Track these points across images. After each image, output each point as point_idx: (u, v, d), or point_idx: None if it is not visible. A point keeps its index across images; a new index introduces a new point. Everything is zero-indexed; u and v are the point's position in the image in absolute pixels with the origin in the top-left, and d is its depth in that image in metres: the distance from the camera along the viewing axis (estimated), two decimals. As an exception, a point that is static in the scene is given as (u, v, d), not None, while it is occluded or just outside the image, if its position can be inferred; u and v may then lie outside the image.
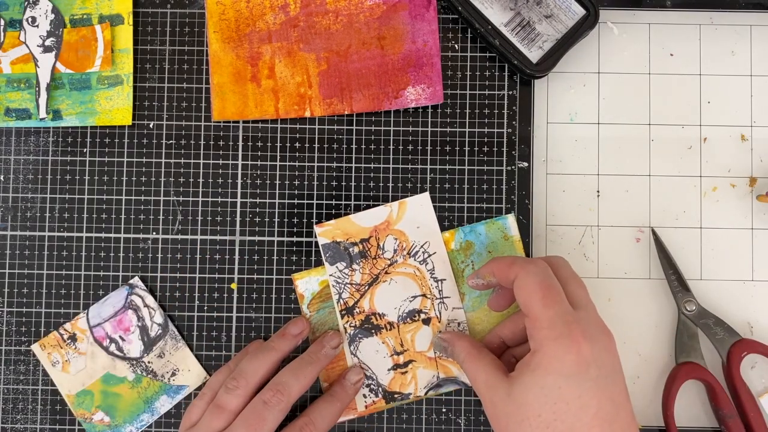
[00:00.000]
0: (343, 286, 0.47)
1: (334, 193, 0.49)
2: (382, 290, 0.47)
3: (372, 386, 0.47)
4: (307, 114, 0.48)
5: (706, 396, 0.47)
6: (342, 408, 0.45)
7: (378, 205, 0.48)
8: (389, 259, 0.47)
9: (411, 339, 0.47)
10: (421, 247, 0.47)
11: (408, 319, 0.47)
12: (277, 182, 0.49)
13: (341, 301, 0.47)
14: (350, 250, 0.47)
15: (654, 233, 0.48)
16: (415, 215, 0.48)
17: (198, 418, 0.44)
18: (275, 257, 0.48)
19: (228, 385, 0.43)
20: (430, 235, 0.47)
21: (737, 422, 0.45)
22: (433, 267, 0.47)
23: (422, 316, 0.47)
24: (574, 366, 0.37)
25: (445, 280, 0.47)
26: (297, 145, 0.49)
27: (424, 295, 0.47)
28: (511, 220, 0.48)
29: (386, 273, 0.47)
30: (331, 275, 0.47)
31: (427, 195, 0.48)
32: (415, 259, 0.47)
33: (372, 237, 0.47)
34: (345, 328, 0.47)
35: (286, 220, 0.49)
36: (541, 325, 0.38)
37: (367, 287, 0.47)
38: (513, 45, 0.47)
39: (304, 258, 0.48)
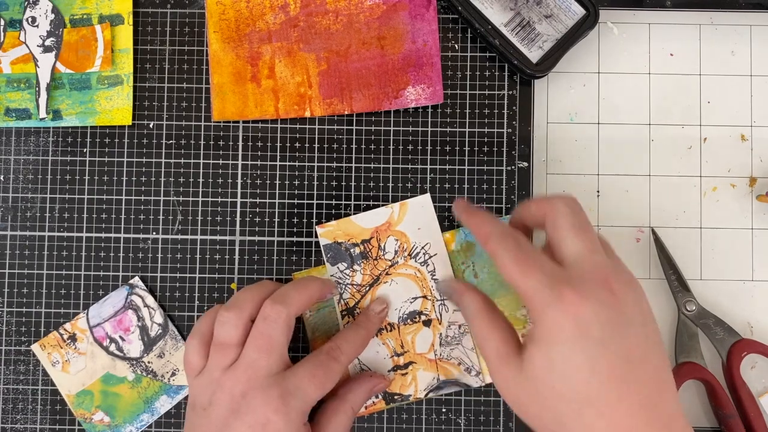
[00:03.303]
0: (344, 286, 0.47)
1: (334, 193, 0.49)
2: (382, 291, 0.47)
3: None
4: (307, 114, 0.48)
5: (706, 396, 0.47)
6: (368, 337, 0.45)
7: (379, 205, 0.48)
8: (390, 260, 0.47)
9: (411, 341, 0.47)
10: (422, 248, 0.47)
11: (408, 321, 0.47)
12: (277, 182, 0.49)
13: (342, 301, 0.47)
14: (351, 251, 0.47)
15: (654, 233, 0.48)
16: (416, 216, 0.48)
17: (199, 361, 0.42)
18: (275, 257, 0.48)
19: (220, 318, 0.42)
20: (431, 236, 0.47)
21: (737, 422, 0.45)
22: (434, 268, 0.47)
23: (423, 317, 0.47)
24: (573, 330, 0.34)
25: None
26: (297, 145, 0.49)
27: (424, 297, 0.47)
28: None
29: (387, 274, 0.47)
30: (332, 276, 0.47)
31: (428, 196, 0.48)
32: (416, 261, 0.47)
33: (373, 238, 0.47)
34: (343, 327, 0.47)
35: (286, 220, 0.49)
36: (528, 295, 0.35)
37: (368, 288, 0.47)
38: (513, 45, 0.47)
39: (304, 258, 0.48)
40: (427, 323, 0.47)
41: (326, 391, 0.41)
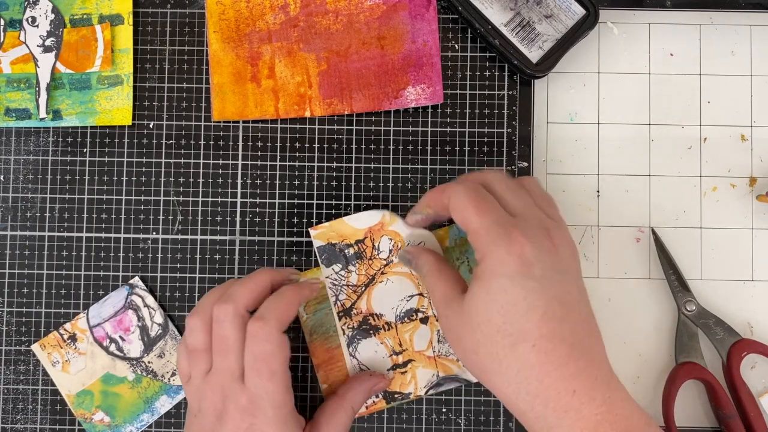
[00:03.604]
0: (339, 287, 0.47)
1: (334, 193, 0.49)
2: (378, 291, 0.47)
3: None
4: (307, 114, 0.48)
5: (706, 396, 0.47)
6: (294, 300, 0.42)
7: (378, 206, 0.48)
8: (385, 260, 0.47)
9: (409, 338, 0.47)
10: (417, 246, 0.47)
11: (406, 319, 0.47)
12: (277, 182, 0.49)
13: (338, 302, 0.47)
14: (346, 251, 0.47)
15: (654, 233, 0.48)
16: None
17: (187, 368, 0.42)
18: (275, 257, 0.48)
19: (187, 326, 0.41)
20: (423, 234, 0.47)
21: (737, 422, 0.45)
22: None
23: (420, 315, 0.47)
24: (516, 266, 0.36)
25: None
26: (297, 145, 0.49)
27: (420, 294, 0.47)
28: None
29: (382, 273, 0.47)
30: (327, 277, 0.47)
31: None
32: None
33: (367, 238, 0.47)
34: (343, 330, 0.47)
35: (286, 220, 0.49)
36: (479, 234, 0.38)
37: (363, 288, 0.47)
38: (513, 45, 0.47)
39: (304, 258, 0.48)
40: (425, 320, 0.47)
41: (284, 378, 0.40)
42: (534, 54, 0.47)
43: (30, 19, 0.48)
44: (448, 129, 0.49)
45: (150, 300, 0.48)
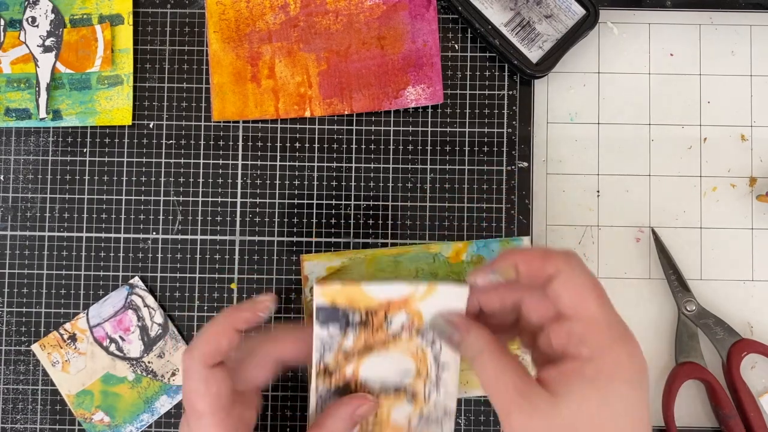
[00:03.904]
0: (328, 348, 0.39)
1: (334, 193, 0.49)
2: (372, 361, 0.40)
3: None
4: (307, 114, 0.48)
5: (706, 396, 0.47)
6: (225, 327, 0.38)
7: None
8: (393, 334, 0.39)
9: (387, 411, 0.40)
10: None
11: (391, 393, 0.40)
12: (277, 182, 0.49)
13: (321, 362, 0.39)
14: (349, 316, 0.39)
15: (654, 233, 0.48)
16: (443, 302, 0.38)
17: None
18: (275, 257, 0.48)
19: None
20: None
21: (737, 422, 0.45)
22: (440, 349, 0.39)
23: (408, 393, 0.40)
24: (638, 371, 0.33)
25: (449, 367, 0.39)
26: (297, 145, 0.49)
27: (418, 373, 0.39)
28: (525, 243, 0.47)
29: (383, 345, 0.39)
30: (319, 337, 0.39)
31: (466, 289, 0.38)
32: (423, 339, 0.39)
33: (382, 310, 0.39)
34: (316, 387, 0.39)
35: (286, 220, 0.49)
36: (600, 327, 0.33)
37: (356, 355, 0.39)
38: (513, 45, 0.47)
39: (304, 258, 0.48)
40: (410, 399, 0.40)
41: (215, 420, 0.36)
42: (534, 54, 0.47)
43: (30, 19, 0.48)
44: (448, 129, 0.49)
45: (150, 300, 0.48)
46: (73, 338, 0.48)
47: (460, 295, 0.38)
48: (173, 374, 0.48)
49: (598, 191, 0.49)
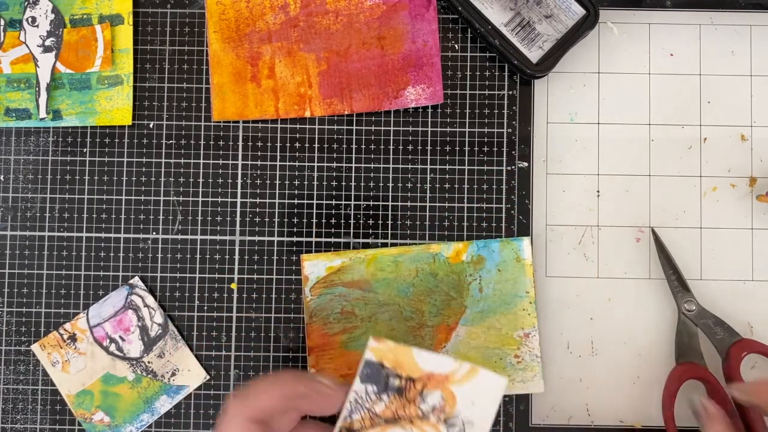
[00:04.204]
0: (359, 407, 0.40)
1: (334, 193, 0.49)
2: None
3: None
4: (307, 114, 0.48)
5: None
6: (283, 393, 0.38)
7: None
8: (423, 412, 0.39)
9: None
10: (463, 423, 0.39)
11: None
12: (277, 182, 0.49)
13: (349, 419, 0.39)
14: (390, 379, 0.39)
15: (654, 233, 0.48)
16: (479, 389, 0.39)
17: None
18: (275, 257, 0.48)
19: None
20: (480, 417, 0.39)
21: (738, 422, 0.45)
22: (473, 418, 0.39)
23: None
24: None
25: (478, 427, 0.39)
26: (297, 145, 0.49)
27: None
28: (525, 244, 0.48)
29: (410, 422, 0.39)
30: (355, 392, 0.39)
31: (505, 381, 0.39)
32: (447, 428, 0.39)
33: (421, 381, 0.39)
34: None
35: (286, 220, 0.49)
36: None
37: (383, 422, 0.39)
38: (513, 45, 0.47)
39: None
40: None
41: None
42: (534, 54, 0.47)
43: (30, 19, 0.48)
44: (448, 129, 0.49)
45: (150, 300, 0.48)
46: (73, 338, 0.48)
47: (500, 384, 0.38)
48: (173, 374, 0.48)
49: (598, 191, 0.49)
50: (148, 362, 0.48)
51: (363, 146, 0.49)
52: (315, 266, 0.48)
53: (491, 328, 0.47)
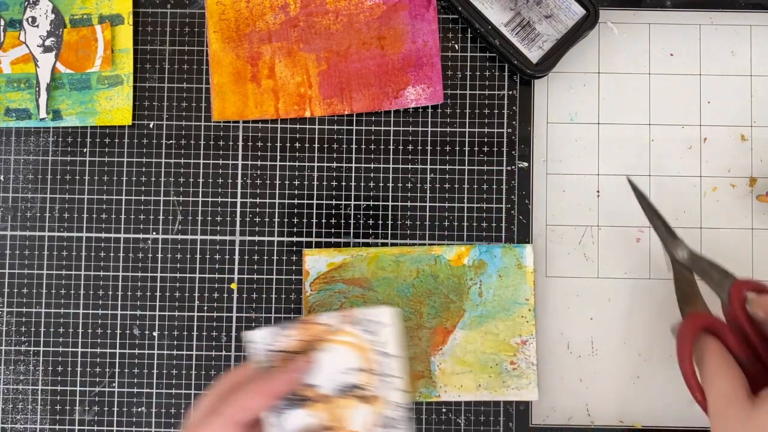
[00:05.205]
0: (270, 353, 0.41)
1: (334, 193, 0.49)
2: (315, 358, 0.41)
3: None
4: (307, 114, 0.48)
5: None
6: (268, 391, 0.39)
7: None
8: (326, 325, 0.41)
9: (345, 417, 0.41)
10: (367, 319, 0.41)
11: (343, 393, 0.41)
12: (277, 182, 0.49)
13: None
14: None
15: (630, 182, 0.46)
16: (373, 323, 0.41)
17: None
18: (275, 257, 0.48)
19: None
20: (377, 310, 0.41)
21: (756, 364, 0.41)
22: (381, 340, 0.41)
23: (360, 393, 0.41)
24: None
25: (396, 357, 0.41)
26: (297, 145, 0.49)
27: (365, 370, 0.41)
28: (528, 251, 0.47)
29: (321, 340, 0.41)
30: (258, 342, 0.41)
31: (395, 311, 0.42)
32: (358, 328, 0.41)
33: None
34: None
35: (286, 220, 0.49)
36: None
37: (297, 355, 0.41)
38: (513, 45, 0.47)
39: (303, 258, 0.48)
40: (365, 400, 0.41)
41: None
42: (534, 54, 0.47)
43: (30, 19, 0.48)
44: (448, 129, 0.49)
45: None
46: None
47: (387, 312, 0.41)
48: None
49: (598, 191, 0.49)
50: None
51: (363, 146, 0.49)
52: (316, 262, 0.48)
53: (489, 334, 0.47)
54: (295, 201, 0.49)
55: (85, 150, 0.49)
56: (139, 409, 0.48)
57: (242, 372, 0.41)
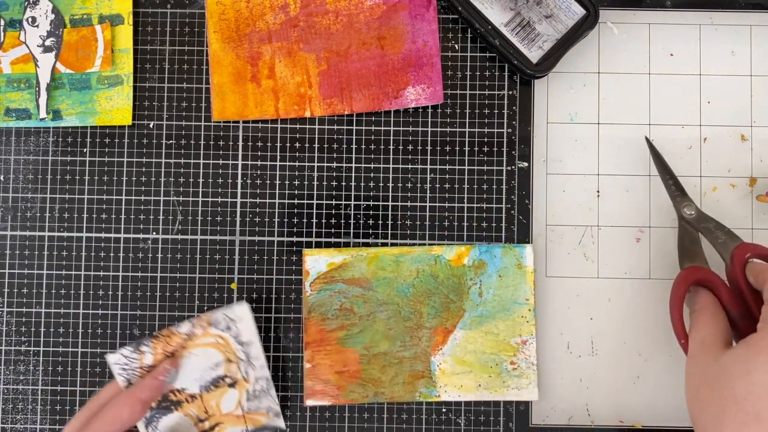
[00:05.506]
0: (131, 371, 0.44)
1: (334, 193, 0.49)
2: (180, 366, 0.45)
3: None
4: (307, 114, 0.48)
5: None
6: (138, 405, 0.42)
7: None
8: (185, 334, 0.45)
9: (216, 405, 0.45)
10: (224, 315, 0.45)
11: (212, 387, 0.45)
12: (277, 182, 0.49)
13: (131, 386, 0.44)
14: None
15: (648, 141, 0.48)
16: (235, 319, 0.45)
17: None
18: (275, 257, 0.48)
19: None
20: (233, 308, 0.45)
21: (747, 322, 0.42)
22: (239, 332, 0.45)
23: (228, 380, 0.45)
24: None
25: (252, 343, 0.45)
26: (297, 145, 0.49)
27: (228, 360, 0.45)
28: (528, 251, 0.47)
29: (183, 348, 0.45)
30: (115, 363, 0.44)
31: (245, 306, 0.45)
32: (216, 328, 0.45)
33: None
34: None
35: (286, 220, 0.49)
36: None
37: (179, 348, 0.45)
38: (513, 45, 0.47)
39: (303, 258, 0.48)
40: (233, 385, 0.45)
41: None
42: (534, 54, 0.47)
43: (30, 19, 0.48)
44: (448, 129, 0.49)
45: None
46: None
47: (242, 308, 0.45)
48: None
49: (598, 191, 0.49)
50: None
51: (363, 146, 0.49)
52: (316, 261, 0.48)
53: (489, 334, 0.47)
54: (295, 201, 0.49)
55: (85, 150, 0.49)
56: (139, 409, 0.48)
57: (109, 389, 0.43)
